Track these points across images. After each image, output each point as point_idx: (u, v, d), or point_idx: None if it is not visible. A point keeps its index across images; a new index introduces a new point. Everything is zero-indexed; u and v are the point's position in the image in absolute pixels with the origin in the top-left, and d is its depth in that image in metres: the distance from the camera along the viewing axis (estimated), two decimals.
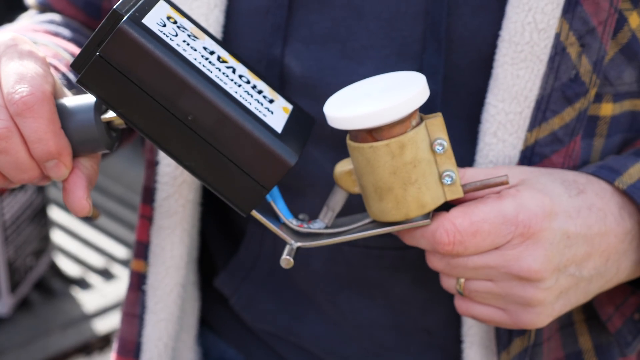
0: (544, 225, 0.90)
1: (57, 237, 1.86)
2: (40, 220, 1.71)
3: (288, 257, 0.92)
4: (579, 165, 1.00)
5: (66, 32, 1.10)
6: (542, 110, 0.96)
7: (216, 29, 1.02)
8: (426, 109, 0.97)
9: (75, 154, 0.91)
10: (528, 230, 0.90)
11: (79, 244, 1.87)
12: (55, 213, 1.93)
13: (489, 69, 0.97)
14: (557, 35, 0.94)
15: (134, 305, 1.11)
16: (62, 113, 0.89)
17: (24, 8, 1.26)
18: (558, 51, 0.95)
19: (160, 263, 1.08)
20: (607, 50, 0.96)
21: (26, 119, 0.87)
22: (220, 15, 1.02)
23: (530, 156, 0.97)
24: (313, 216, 0.99)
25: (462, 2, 0.96)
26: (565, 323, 1.04)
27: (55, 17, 1.14)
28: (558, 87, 0.96)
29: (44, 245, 1.73)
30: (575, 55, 0.95)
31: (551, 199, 0.91)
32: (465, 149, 0.99)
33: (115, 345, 1.14)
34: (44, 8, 1.17)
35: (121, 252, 1.85)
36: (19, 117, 0.87)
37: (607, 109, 1.00)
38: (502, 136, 0.96)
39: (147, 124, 0.87)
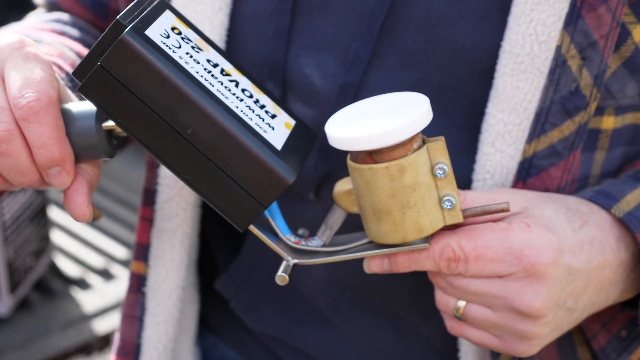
0: (549, 263, 0.90)
1: (57, 237, 1.86)
2: (40, 220, 1.70)
3: (284, 274, 0.91)
4: (578, 179, 1.00)
5: (73, 31, 1.10)
6: (541, 123, 0.95)
7: (220, 33, 1.02)
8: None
9: (76, 160, 0.91)
10: (533, 267, 0.90)
11: (78, 244, 1.87)
12: (55, 213, 1.93)
13: (491, 80, 0.96)
14: (558, 48, 0.94)
15: (134, 307, 1.11)
16: (64, 119, 0.89)
17: (24, 8, 1.25)
18: (559, 64, 0.94)
19: (160, 265, 1.08)
20: (609, 64, 0.96)
21: (31, 124, 0.87)
22: (224, 18, 1.02)
23: (528, 168, 0.96)
24: (316, 223, 0.99)
25: (466, 12, 0.96)
26: (562, 334, 1.04)
27: (63, 16, 1.14)
28: (558, 100, 0.95)
29: (44, 246, 1.73)
30: (576, 68, 0.95)
31: (558, 237, 0.91)
32: (465, 158, 0.98)
33: (114, 347, 1.14)
34: (51, 7, 1.17)
35: (121, 252, 1.85)
36: (25, 122, 0.87)
37: (609, 122, 0.99)
38: (500, 147, 0.96)
39: (146, 135, 0.87)
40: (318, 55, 1.00)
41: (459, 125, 0.98)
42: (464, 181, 0.98)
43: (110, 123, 0.90)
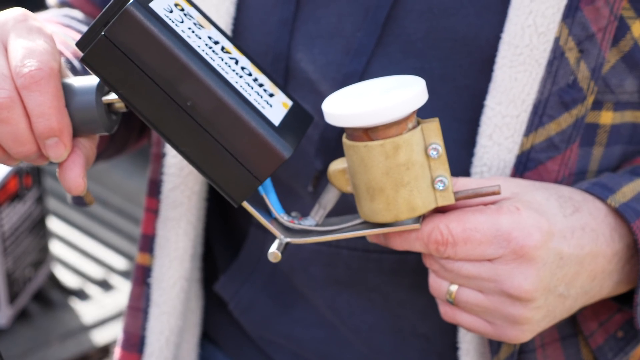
0: (538, 246, 0.90)
1: (56, 248, 1.86)
2: (39, 231, 1.70)
3: (276, 251, 0.92)
4: (575, 174, 1.00)
5: (80, 25, 1.11)
6: (538, 115, 0.96)
7: (226, 21, 1.03)
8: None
9: (75, 134, 0.92)
10: (521, 249, 0.90)
11: (77, 255, 1.87)
12: (54, 224, 1.93)
13: (491, 72, 0.97)
14: (557, 40, 0.95)
15: (139, 299, 1.12)
16: (65, 92, 0.90)
17: (19, 4, 1.26)
18: (557, 55, 0.95)
19: (164, 255, 1.09)
20: (607, 58, 0.96)
21: (32, 93, 0.88)
22: (231, 7, 1.04)
23: (525, 161, 0.97)
24: (306, 215, 0.99)
25: (467, 2, 0.97)
26: (567, 334, 1.04)
27: (73, 12, 1.15)
28: (555, 92, 0.96)
29: (43, 257, 1.73)
30: (573, 60, 0.95)
31: (548, 220, 0.91)
32: (464, 152, 0.99)
33: (119, 340, 1.14)
34: (62, 6, 1.18)
35: (120, 263, 1.85)
36: (25, 90, 0.88)
37: (607, 118, 1.00)
38: (498, 139, 0.96)
39: (146, 107, 0.88)
40: (321, 44, 1.01)
41: (459, 119, 0.99)
42: (463, 175, 0.99)
43: (110, 97, 0.91)
